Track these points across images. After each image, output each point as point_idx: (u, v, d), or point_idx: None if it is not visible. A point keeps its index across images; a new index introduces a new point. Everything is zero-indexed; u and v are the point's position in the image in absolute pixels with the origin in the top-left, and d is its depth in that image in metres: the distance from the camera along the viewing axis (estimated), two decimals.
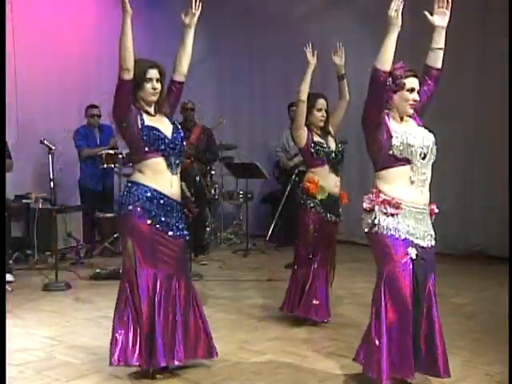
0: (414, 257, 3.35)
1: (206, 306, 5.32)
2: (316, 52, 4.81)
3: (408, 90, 3.38)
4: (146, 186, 3.58)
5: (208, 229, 8.28)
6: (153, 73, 3.59)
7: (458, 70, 7.49)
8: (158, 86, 3.61)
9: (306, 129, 4.70)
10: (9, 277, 6.16)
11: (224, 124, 7.95)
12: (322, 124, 4.78)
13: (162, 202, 3.60)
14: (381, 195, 3.36)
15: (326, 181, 4.71)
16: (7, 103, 6.72)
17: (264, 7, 9.18)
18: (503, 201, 6.81)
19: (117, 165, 7.41)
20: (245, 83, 9.50)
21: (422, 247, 3.42)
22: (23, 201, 7.27)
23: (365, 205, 3.40)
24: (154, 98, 3.63)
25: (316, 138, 4.71)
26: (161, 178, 3.60)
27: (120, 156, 7.34)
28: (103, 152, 7.44)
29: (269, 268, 7.02)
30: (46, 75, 7.91)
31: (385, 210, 3.33)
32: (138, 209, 3.55)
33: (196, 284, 6.25)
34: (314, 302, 4.68)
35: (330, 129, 4.85)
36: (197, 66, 9.74)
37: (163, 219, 3.60)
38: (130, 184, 3.65)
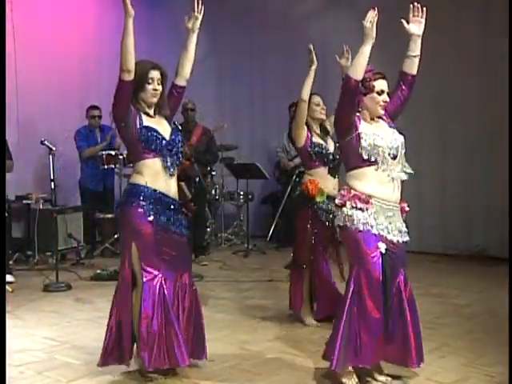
0: (384, 251, 3.42)
1: (206, 306, 5.34)
2: (315, 52, 4.78)
3: (377, 92, 3.50)
4: (146, 187, 3.57)
5: (208, 229, 8.28)
6: (154, 74, 3.60)
7: (459, 70, 7.50)
8: (159, 87, 3.61)
9: (306, 128, 4.69)
10: (9, 277, 6.17)
11: (225, 128, 7.95)
12: (323, 116, 4.77)
13: (161, 200, 3.60)
14: (352, 191, 3.45)
15: (325, 183, 4.68)
16: (7, 103, 6.72)
17: (264, 7, 9.17)
18: (504, 201, 6.80)
19: (117, 165, 7.42)
20: (245, 83, 9.49)
21: (393, 242, 3.47)
22: (24, 201, 7.28)
23: (337, 200, 3.52)
24: (155, 100, 3.62)
25: (315, 139, 4.70)
26: (158, 178, 3.60)
27: (120, 157, 7.35)
28: (104, 153, 7.45)
29: (269, 268, 7.02)
30: (46, 75, 7.91)
31: (355, 205, 3.42)
32: (139, 209, 3.54)
33: (196, 284, 6.27)
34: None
35: (328, 127, 4.83)
36: (197, 66, 9.69)
37: (164, 217, 3.60)
38: (129, 186, 3.65)
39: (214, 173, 8.43)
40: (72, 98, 8.15)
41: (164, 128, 3.66)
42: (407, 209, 3.60)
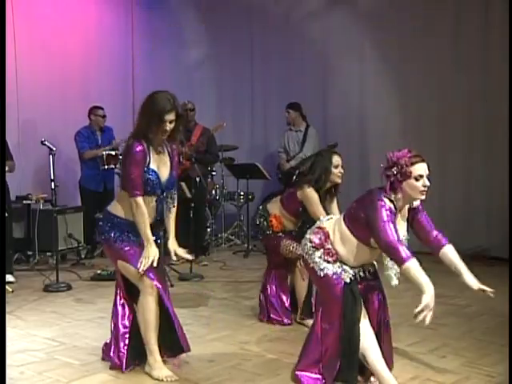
0: (348, 280, 3.39)
1: (206, 306, 5.37)
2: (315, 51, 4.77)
3: (415, 178, 3.23)
4: (123, 219, 3.70)
5: (209, 229, 8.28)
6: (169, 117, 3.62)
7: (459, 69, 7.50)
8: (171, 126, 3.65)
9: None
10: (9, 277, 6.17)
11: (225, 127, 7.95)
12: (339, 181, 4.67)
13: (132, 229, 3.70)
14: (328, 242, 3.42)
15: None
16: (8, 103, 6.72)
17: (264, 7, 9.18)
18: (504, 201, 6.81)
19: (117, 166, 7.41)
20: (245, 84, 9.49)
21: (363, 277, 3.49)
22: (24, 202, 7.27)
23: (313, 238, 3.46)
24: (163, 138, 3.68)
25: None
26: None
27: (121, 157, 7.33)
28: (104, 153, 7.45)
29: None
30: (46, 75, 7.91)
31: (325, 258, 3.41)
32: (120, 241, 3.68)
33: (196, 285, 6.29)
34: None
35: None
36: (197, 67, 9.80)
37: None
38: (108, 217, 3.75)
39: (214, 173, 8.42)
40: (73, 98, 8.14)
41: (165, 168, 3.73)
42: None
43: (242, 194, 8.57)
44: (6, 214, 6.05)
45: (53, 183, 6.13)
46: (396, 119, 7.96)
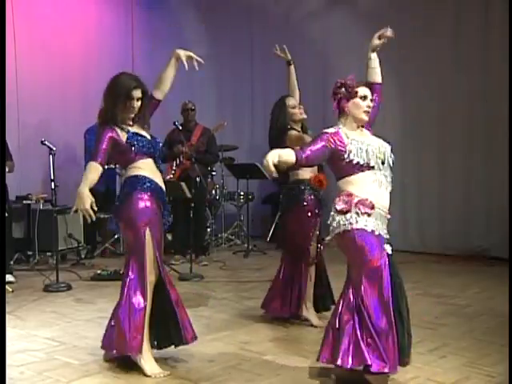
0: (390, 252, 3.42)
1: (206, 306, 5.36)
2: (316, 52, 4.79)
3: (361, 98, 3.56)
4: (146, 177, 3.78)
5: (209, 229, 8.28)
6: (135, 93, 3.77)
7: (459, 69, 7.51)
8: (138, 104, 3.79)
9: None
10: (9, 277, 6.17)
11: (225, 126, 7.94)
12: (304, 116, 4.85)
13: (160, 192, 3.83)
14: (354, 196, 3.41)
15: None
16: (8, 104, 6.73)
17: (264, 7, 9.18)
18: (504, 201, 6.81)
19: (117, 165, 7.40)
20: (245, 83, 9.50)
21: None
22: (24, 202, 7.28)
23: (339, 206, 3.44)
24: (132, 115, 3.82)
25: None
26: (155, 173, 3.84)
27: None
28: None
29: (269, 269, 7.00)
30: (46, 75, 7.93)
31: (359, 211, 3.39)
32: (145, 196, 3.76)
33: (196, 285, 6.29)
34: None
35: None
36: (197, 67, 9.77)
37: (162, 207, 3.87)
38: (129, 179, 3.85)
39: (214, 173, 8.43)
40: (73, 98, 8.15)
41: (144, 133, 3.87)
42: (388, 216, 3.56)
43: (242, 194, 8.58)
44: (6, 214, 6.05)
45: (53, 183, 6.13)
46: (396, 119, 7.96)
